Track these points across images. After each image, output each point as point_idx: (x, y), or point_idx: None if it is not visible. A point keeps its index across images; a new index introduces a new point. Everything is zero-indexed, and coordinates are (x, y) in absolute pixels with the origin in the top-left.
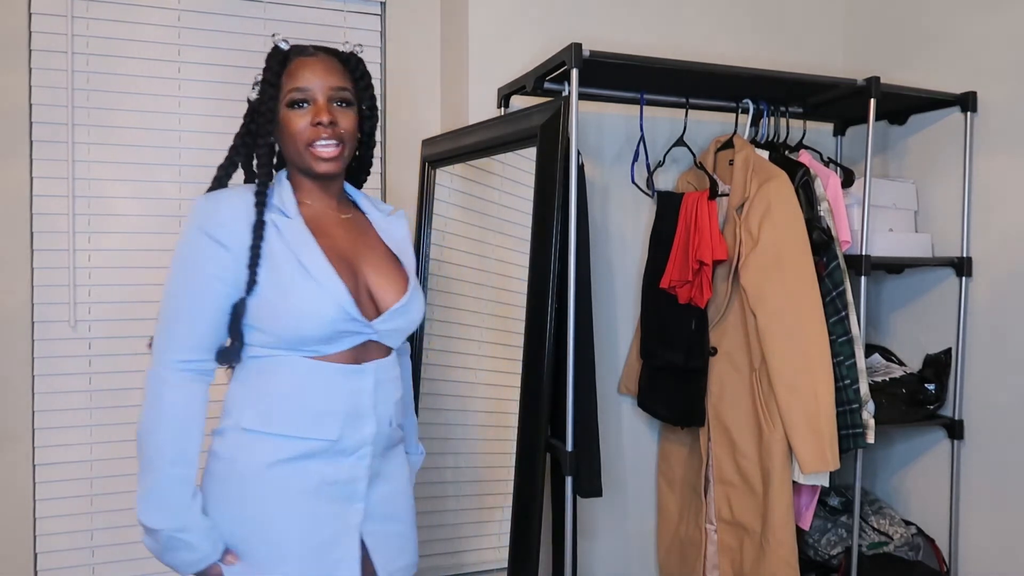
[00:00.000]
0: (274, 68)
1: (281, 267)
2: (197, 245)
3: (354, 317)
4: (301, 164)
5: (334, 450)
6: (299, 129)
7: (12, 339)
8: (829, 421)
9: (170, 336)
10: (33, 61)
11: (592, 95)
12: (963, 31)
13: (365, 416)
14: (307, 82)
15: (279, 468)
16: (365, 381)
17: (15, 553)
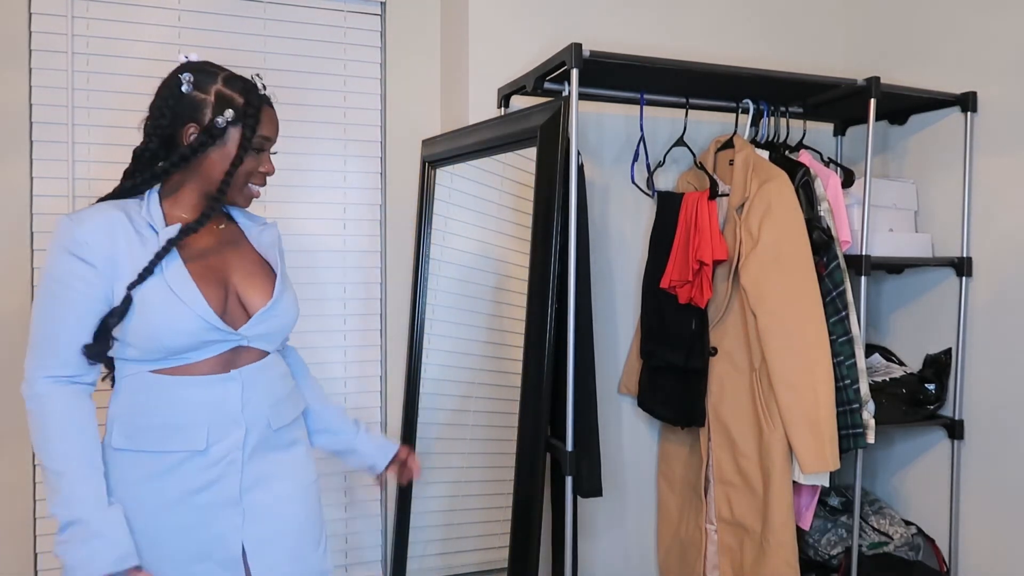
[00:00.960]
0: (255, 104)
1: (151, 284)
2: (65, 266)
3: (217, 327)
4: (231, 195)
5: (203, 459)
6: (250, 171)
7: (12, 339)
8: (829, 421)
9: (40, 354)
10: (33, 61)
11: (592, 95)
12: (963, 31)
13: (233, 422)
14: (271, 134)
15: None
16: (231, 388)
17: (15, 553)
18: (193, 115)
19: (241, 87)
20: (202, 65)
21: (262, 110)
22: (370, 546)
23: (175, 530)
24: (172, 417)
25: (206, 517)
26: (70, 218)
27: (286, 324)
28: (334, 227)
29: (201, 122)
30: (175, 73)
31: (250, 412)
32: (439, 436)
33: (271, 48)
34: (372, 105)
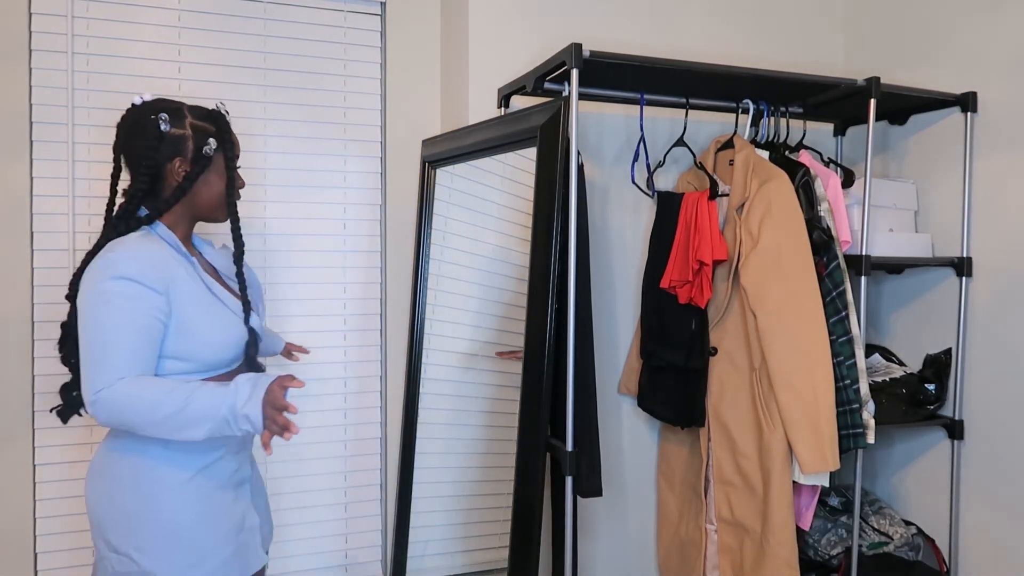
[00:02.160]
0: (228, 132)
1: (202, 301)
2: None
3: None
4: (215, 212)
5: (233, 451)
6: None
7: (12, 339)
8: (829, 421)
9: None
10: (33, 61)
11: (592, 95)
12: (963, 31)
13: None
14: (239, 151)
15: (197, 477)
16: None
17: (15, 553)
18: (177, 150)
19: (208, 115)
20: (165, 103)
21: (232, 134)
22: (370, 546)
23: (222, 511)
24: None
25: (236, 496)
26: (122, 251)
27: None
28: (334, 227)
29: (185, 155)
30: (140, 113)
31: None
32: (439, 436)
33: (271, 48)
34: (372, 105)
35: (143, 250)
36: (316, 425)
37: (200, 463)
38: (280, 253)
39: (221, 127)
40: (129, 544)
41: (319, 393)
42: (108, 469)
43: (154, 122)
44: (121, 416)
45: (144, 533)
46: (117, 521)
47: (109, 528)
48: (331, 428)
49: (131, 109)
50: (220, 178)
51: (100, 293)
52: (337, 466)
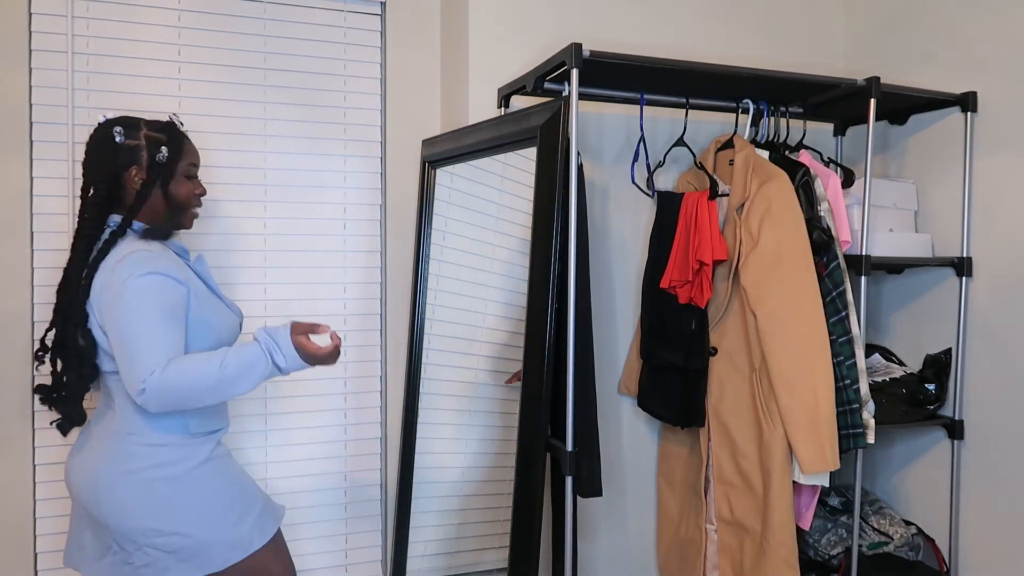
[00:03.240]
0: (178, 141)
1: (208, 296)
2: (163, 284)
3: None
4: (179, 220)
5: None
6: (190, 194)
7: (12, 339)
8: (829, 421)
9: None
10: (33, 61)
11: (592, 95)
12: (963, 31)
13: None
14: (196, 160)
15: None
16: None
17: (15, 553)
18: (132, 159)
19: (162, 127)
20: (123, 119)
21: (184, 142)
22: (370, 546)
23: (241, 472)
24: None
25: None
26: (146, 253)
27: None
28: (334, 227)
29: (140, 164)
30: (102, 129)
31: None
32: (439, 436)
33: (271, 48)
34: (372, 105)
35: (157, 251)
36: (316, 425)
37: (213, 440)
38: (280, 253)
39: (173, 136)
40: (176, 526)
41: (319, 393)
42: (132, 471)
43: (110, 135)
44: (174, 396)
45: (188, 512)
46: (156, 513)
47: (150, 520)
48: (331, 428)
49: (96, 128)
50: (177, 186)
51: (134, 289)
52: (337, 466)
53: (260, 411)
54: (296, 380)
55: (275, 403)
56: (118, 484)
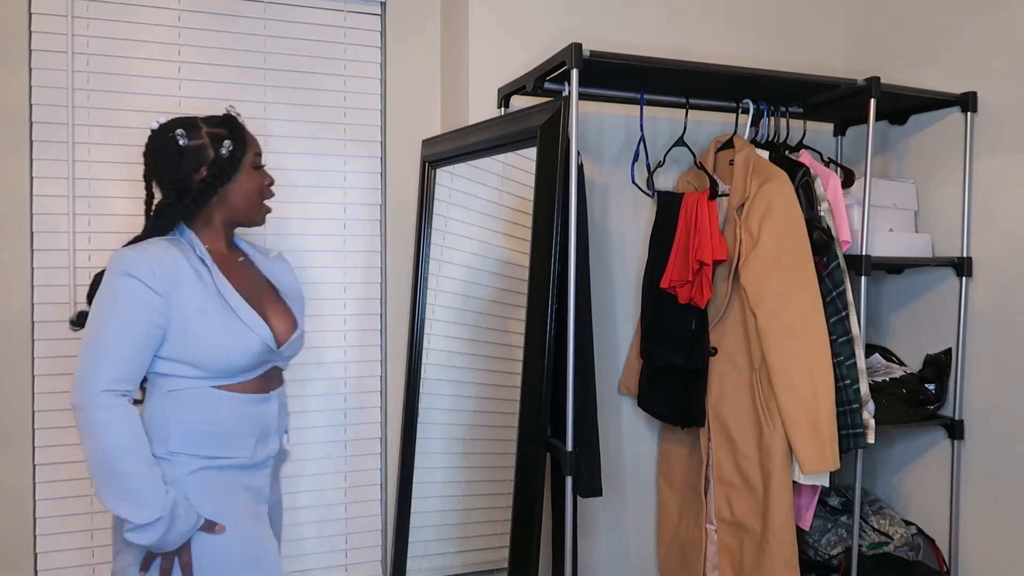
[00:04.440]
0: (240, 131)
1: (208, 309)
2: (130, 290)
3: (272, 349)
4: (248, 216)
5: (249, 464)
6: (260, 186)
7: (12, 339)
8: (829, 421)
9: (100, 368)
10: (33, 61)
11: (592, 95)
12: (963, 31)
13: (271, 435)
14: (259, 149)
15: (204, 472)
16: (271, 406)
17: (15, 553)
18: (200, 160)
19: (221, 122)
20: (179, 120)
21: (246, 134)
22: (370, 546)
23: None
24: (229, 428)
25: (248, 511)
26: (134, 250)
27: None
28: (334, 227)
29: (207, 163)
30: (161, 134)
31: (280, 427)
32: (439, 436)
33: (271, 48)
34: (372, 105)
35: (152, 251)
36: (316, 425)
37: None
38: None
39: (234, 129)
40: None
41: (320, 393)
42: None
43: (172, 139)
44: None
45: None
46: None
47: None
48: (331, 428)
49: (151, 135)
50: (249, 180)
51: (107, 286)
52: (337, 466)
53: None
54: (296, 380)
55: None
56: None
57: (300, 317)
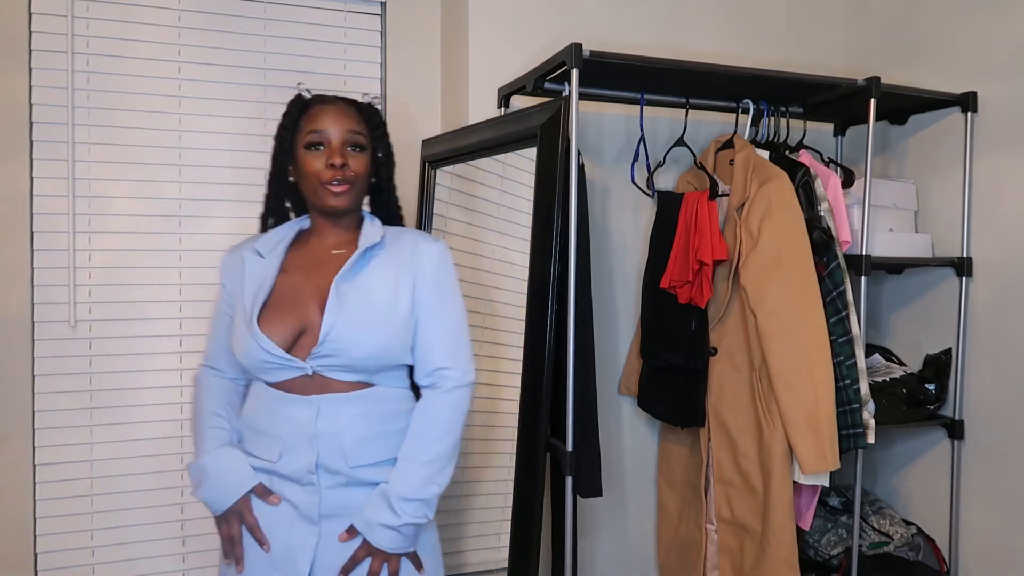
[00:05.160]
0: (293, 113)
1: (239, 306)
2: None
3: (277, 355)
4: (315, 201)
5: (280, 473)
6: (315, 169)
7: (12, 339)
8: (829, 421)
9: (205, 348)
10: (33, 61)
11: (592, 95)
12: (963, 31)
13: (305, 445)
14: (323, 126)
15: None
16: (304, 412)
17: (15, 553)
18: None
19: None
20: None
21: (306, 111)
22: None
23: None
24: (261, 425)
25: (284, 525)
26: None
27: (357, 358)
28: None
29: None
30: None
31: (325, 440)
32: None
33: (271, 48)
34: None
35: (237, 245)
36: None
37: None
38: None
39: (291, 106)
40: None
41: None
42: None
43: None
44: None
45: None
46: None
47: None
48: None
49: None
50: (304, 161)
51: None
52: None
53: None
54: None
55: None
56: None
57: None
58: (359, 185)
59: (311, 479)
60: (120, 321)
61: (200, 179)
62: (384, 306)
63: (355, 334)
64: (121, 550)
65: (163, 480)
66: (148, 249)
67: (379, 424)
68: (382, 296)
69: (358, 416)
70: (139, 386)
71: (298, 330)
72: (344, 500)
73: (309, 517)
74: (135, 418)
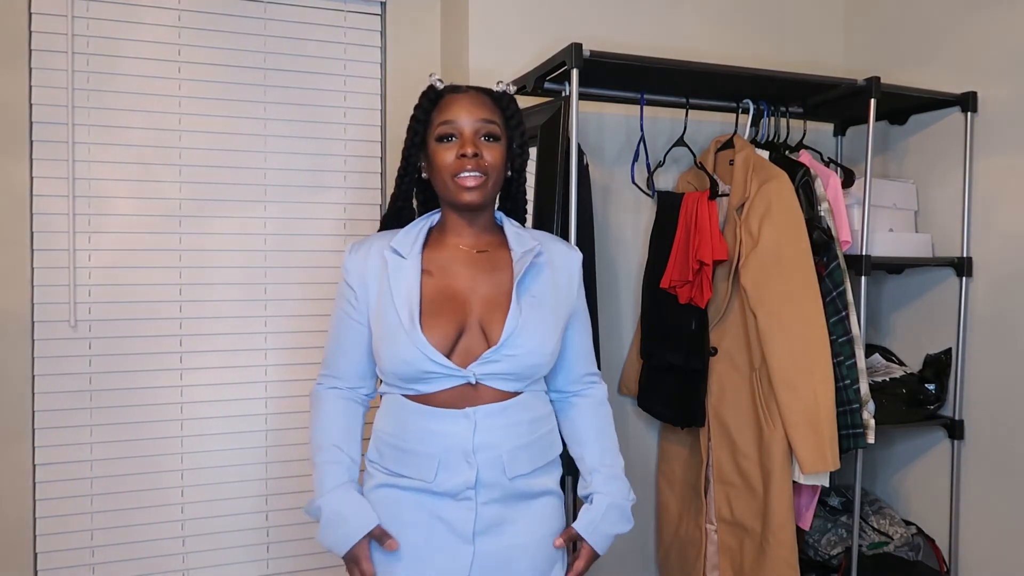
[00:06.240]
0: (424, 105)
1: (384, 309)
2: (340, 288)
3: (438, 363)
4: (447, 196)
5: (434, 491)
6: (446, 162)
7: (12, 339)
8: (829, 421)
9: (323, 365)
10: (33, 61)
11: (592, 95)
12: (963, 31)
13: (464, 461)
14: (455, 116)
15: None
16: (463, 426)
17: (15, 553)
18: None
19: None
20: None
21: (437, 102)
22: None
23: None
24: (410, 444)
25: (436, 545)
26: (359, 240)
27: (527, 365)
28: (334, 227)
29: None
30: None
31: (484, 454)
32: None
33: (271, 48)
34: (372, 105)
35: (364, 241)
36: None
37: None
38: (280, 253)
39: (420, 103)
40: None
41: None
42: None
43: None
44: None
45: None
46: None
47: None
48: None
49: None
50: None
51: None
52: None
53: (261, 411)
54: (294, 381)
55: (275, 403)
56: None
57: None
58: (493, 177)
59: (468, 495)
60: (120, 321)
61: (200, 179)
62: (550, 312)
63: (530, 340)
64: (121, 550)
65: (163, 480)
66: (148, 249)
67: (530, 431)
68: (547, 302)
69: (512, 425)
70: (139, 386)
71: (454, 337)
72: (499, 514)
73: (463, 535)
74: (135, 418)
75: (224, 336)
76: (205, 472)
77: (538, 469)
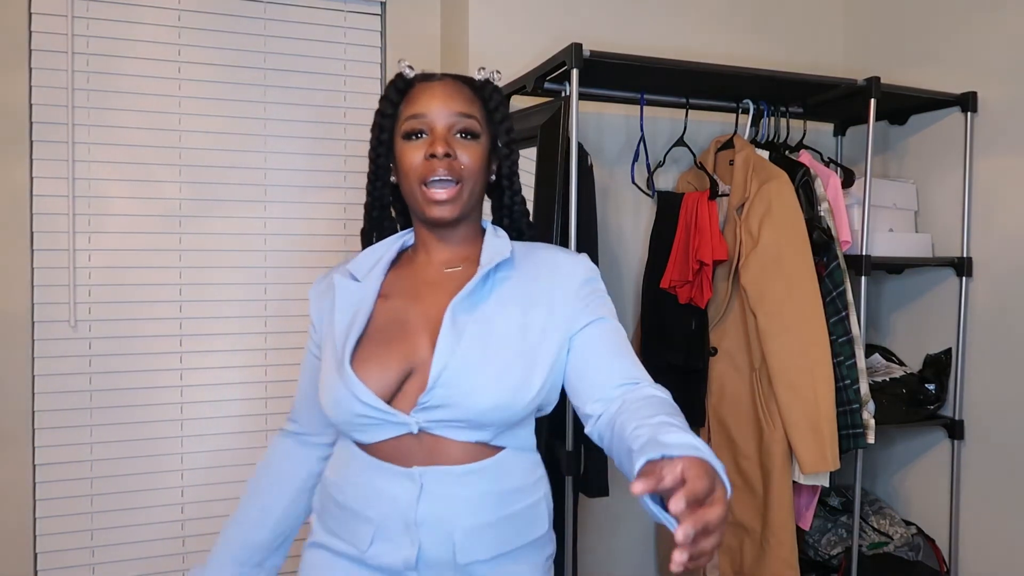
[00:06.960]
0: (391, 96)
1: (326, 345)
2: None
3: (377, 408)
4: (415, 207)
5: (369, 564)
6: (413, 164)
7: (12, 339)
8: (829, 421)
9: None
10: (33, 61)
11: (592, 95)
12: (963, 31)
13: (402, 533)
14: (424, 108)
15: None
16: (403, 488)
17: (15, 553)
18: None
19: (387, 84)
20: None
21: (407, 92)
22: None
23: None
24: (348, 500)
25: None
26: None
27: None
28: (334, 227)
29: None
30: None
31: (430, 530)
32: None
33: (271, 48)
34: (372, 105)
35: (337, 265)
36: None
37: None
38: (280, 253)
39: (387, 95)
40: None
41: None
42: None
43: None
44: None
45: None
46: None
47: None
48: None
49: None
50: (401, 154)
51: None
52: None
53: (261, 411)
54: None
55: (275, 403)
56: None
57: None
58: (470, 185)
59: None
60: (120, 321)
61: (200, 179)
62: (513, 341)
63: (474, 378)
64: (121, 550)
65: (163, 480)
66: (148, 249)
67: (499, 506)
68: (510, 328)
69: (474, 497)
70: (139, 386)
71: (402, 374)
72: None
73: None
74: (135, 418)
75: (224, 336)
76: (205, 472)
77: (506, 555)
